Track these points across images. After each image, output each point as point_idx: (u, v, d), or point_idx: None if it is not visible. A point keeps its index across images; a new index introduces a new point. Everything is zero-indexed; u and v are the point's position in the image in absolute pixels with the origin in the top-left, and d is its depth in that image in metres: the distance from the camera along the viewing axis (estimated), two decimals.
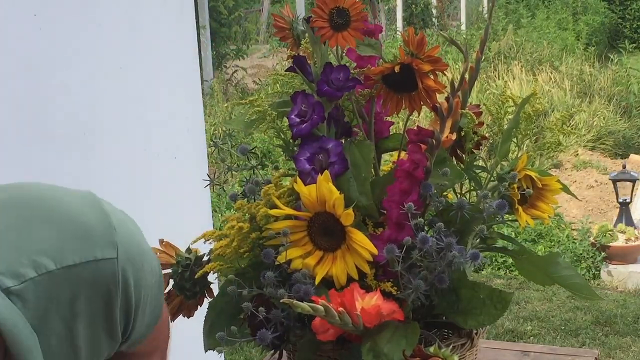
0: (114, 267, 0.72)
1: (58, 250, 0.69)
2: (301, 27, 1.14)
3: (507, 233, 3.63)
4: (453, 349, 1.01)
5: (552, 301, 3.79)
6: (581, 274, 1.07)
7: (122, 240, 0.73)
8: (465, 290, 1.01)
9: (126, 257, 0.73)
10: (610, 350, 3.29)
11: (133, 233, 0.77)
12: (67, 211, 0.72)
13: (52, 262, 0.68)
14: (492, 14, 7.51)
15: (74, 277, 0.69)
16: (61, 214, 0.72)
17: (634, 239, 4.09)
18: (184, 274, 1.12)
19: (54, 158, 1.46)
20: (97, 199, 0.77)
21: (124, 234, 0.74)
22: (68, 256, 0.69)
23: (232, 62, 9.27)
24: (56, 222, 0.71)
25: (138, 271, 0.75)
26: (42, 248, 0.68)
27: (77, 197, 0.76)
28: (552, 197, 1.06)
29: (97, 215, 0.73)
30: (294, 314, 0.98)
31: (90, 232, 0.71)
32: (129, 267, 0.73)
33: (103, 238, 0.72)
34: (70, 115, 1.50)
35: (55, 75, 1.46)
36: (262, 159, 1.08)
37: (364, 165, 1.05)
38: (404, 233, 0.98)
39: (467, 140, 1.12)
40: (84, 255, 0.70)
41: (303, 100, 1.05)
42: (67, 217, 0.72)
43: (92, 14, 1.56)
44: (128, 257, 0.73)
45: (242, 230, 1.02)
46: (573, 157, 6.08)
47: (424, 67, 1.01)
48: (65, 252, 0.69)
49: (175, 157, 1.85)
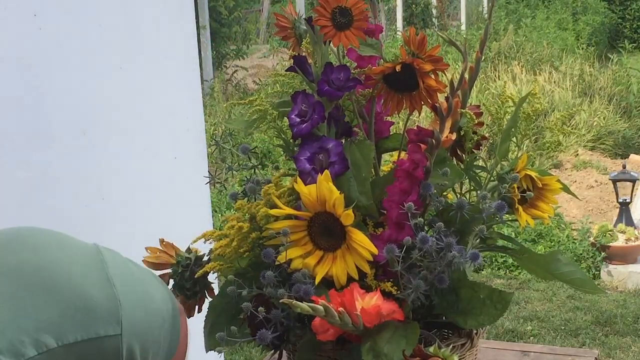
0: (118, 343, 0.69)
1: (59, 327, 0.66)
2: (303, 27, 1.14)
3: (507, 233, 3.63)
4: (453, 349, 1.01)
5: (552, 301, 3.79)
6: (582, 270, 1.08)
7: (127, 313, 0.70)
8: (465, 290, 1.01)
9: (131, 331, 0.70)
10: (610, 350, 3.29)
11: (139, 298, 0.73)
12: (69, 283, 0.69)
13: (53, 340, 0.66)
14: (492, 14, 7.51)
15: (75, 354, 0.67)
16: (63, 287, 0.68)
17: (634, 239, 4.09)
18: (184, 274, 1.12)
19: (54, 158, 1.46)
20: (102, 261, 0.73)
21: (129, 304, 0.71)
22: (70, 333, 0.67)
23: (232, 62, 9.27)
24: (58, 295, 0.68)
25: (145, 336, 0.72)
26: (43, 325, 0.66)
27: (81, 261, 0.72)
28: (552, 197, 1.06)
29: (101, 287, 0.70)
30: (294, 314, 0.98)
31: (93, 308, 0.68)
32: (134, 339, 0.70)
33: (107, 314, 0.69)
34: (70, 115, 1.50)
35: (55, 75, 1.46)
36: (262, 159, 1.09)
37: (364, 165, 1.05)
38: (404, 233, 0.98)
39: (467, 140, 1.12)
40: (86, 332, 0.67)
41: (303, 100, 1.05)
42: (69, 290, 0.68)
43: (92, 14, 1.56)
44: (134, 329, 0.70)
45: (242, 230, 1.02)
46: (573, 157, 6.08)
47: (425, 67, 1.01)
48: (67, 329, 0.67)
49: (175, 157, 1.85)
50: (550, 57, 8.52)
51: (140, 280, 0.76)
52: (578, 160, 5.98)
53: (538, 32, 9.91)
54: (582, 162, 5.95)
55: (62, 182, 1.48)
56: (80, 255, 0.73)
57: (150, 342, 0.73)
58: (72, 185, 1.50)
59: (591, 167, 5.88)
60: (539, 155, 1.15)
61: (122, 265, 0.75)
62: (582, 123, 6.60)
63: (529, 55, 8.50)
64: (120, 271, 0.73)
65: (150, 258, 1.14)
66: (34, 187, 1.41)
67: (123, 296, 0.70)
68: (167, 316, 0.76)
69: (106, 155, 1.60)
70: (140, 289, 0.74)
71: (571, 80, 7.58)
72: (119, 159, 1.64)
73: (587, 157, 6.11)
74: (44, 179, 1.43)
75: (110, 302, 0.69)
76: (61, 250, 0.73)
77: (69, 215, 1.48)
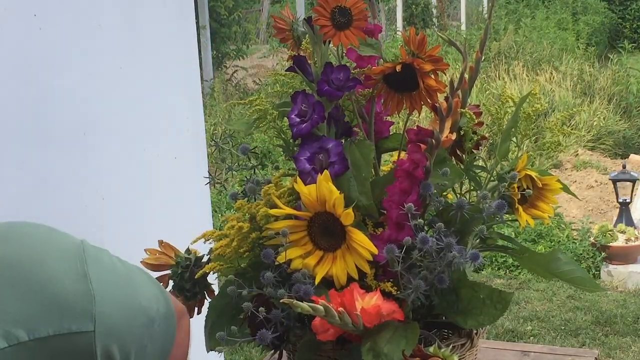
0: (91, 340, 0.68)
1: (32, 321, 0.66)
2: (301, 29, 1.14)
3: (507, 233, 3.63)
4: (453, 349, 1.01)
5: (552, 301, 3.79)
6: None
7: (102, 310, 0.69)
8: (465, 290, 1.01)
9: (106, 328, 0.69)
10: (610, 350, 3.29)
11: (119, 296, 0.72)
12: (46, 278, 0.69)
13: (25, 333, 0.66)
14: (492, 14, 7.51)
15: (48, 349, 0.67)
16: (39, 281, 0.68)
17: (634, 239, 4.09)
18: (183, 275, 1.12)
19: (54, 158, 1.46)
20: (81, 258, 0.72)
21: (106, 301, 0.70)
22: (42, 327, 0.66)
23: (232, 62, 9.27)
24: (34, 289, 0.68)
25: (124, 334, 0.71)
26: (16, 317, 0.66)
27: (61, 256, 0.72)
28: (552, 197, 1.06)
29: (77, 283, 0.69)
30: (294, 314, 0.98)
31: (67, 303, 0.68)
32: (110, 337, 0.70)
33: (80, 310, 0.68)
34: (70, 115, 1.50)
35: (55, 75, 1.46)
36: (262, 159, 1.09)
37: (364, 165, 1.05)
38: (404, 233, 0.98)
39: (467, 140, 1.12)
40: (58, 327, 0.67)
41: (303, 100, 1.05)
42: (45, 285, 0.68)
43: (92, 14, 1.56)
44: (109, 327, 0.70)
45: (242, 230, 1.02)
46: (573, 157, 6.08)
47: (426, 67, 1.01)
48: (40, 323, 0.67)
49: (175, 157, 1.85)
50: (550, 57, 8.52)
51: (126, 278, 0.75)
52: (578, 160, 5.98)
53: (538, 32, 9.91)
54: (582, 162, 5.95)
55: (62, 182, 1.48)
56: (61, 250, 0.72)
57: (131, 342, 0.72)
58: (72, 185, 1.50)
59: (591, 167, 5.88)
60: (539, 155, 1.16)
61: (106, 263, 0.74)
62: (582, 123, 6.60)
63: (529, 55, 8.50)
64: (101, 268, 0.73)
65: (149, 260, 1.14)
66: (34, 187, 1.41)
67: (99, 293, 0.70)
68: (156, 316, 0.76)
69: (106, 155, 1.60)
70: (122, 287, 0.73)
71: (571, 80, 7.58)
72: (119, 159, 1.64)
73: (587, 157, 6.11)
74: (44, 179, 1.43)
75: (84, 298, 0.69)
76: (43, 245, 0.73)
77: (69, 215, 1.48)
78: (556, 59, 8.51)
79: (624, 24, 12.40)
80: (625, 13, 12.51)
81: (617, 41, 11.31)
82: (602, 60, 8.73)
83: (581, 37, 10.17)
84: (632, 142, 6.73)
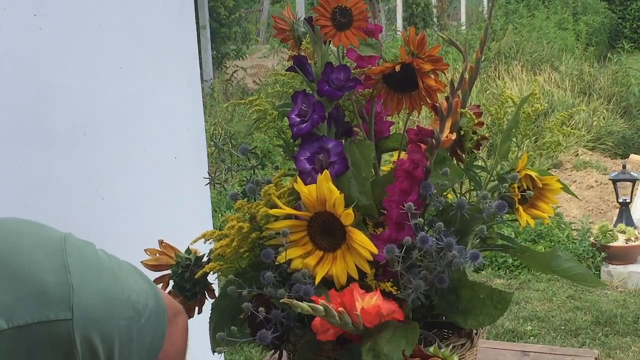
0: (69, 328, 0.70)
1: (11, 309, 0.68)
2: (302, 29, 1.14)
3: (507, 233, 3.63)
4: (453, 349, 1.01)
5: (552, 301, 3.79)
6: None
7: (81, 300, 0.71)
8: (465, 290, 1.02)
9: (85, 317, 0.71)
10: (610, 350, 3.29)
11: (100, 287, 0.74)
12: (25, 268, 0.70)
13: (4, 322, 0.67)
14: (492, 14, 7.51)
15: (27, 336, 0.68)
16: (18, 271, 0.70)
17: (634, 239, 4.09)
18: (183, 275, 1.12)
19: (54, 158, 1.46)
20: (62, 250, 0.74)
21: (85, 291, 0.72)
22: (20, 316, 0.68)
23: (232, 62, 9.27)
24: (13, 279, 0.69)
25: (105, 324, 0.72)
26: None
27: (42, 248, 0.73)
28: (552, 197, 1.06)
29: (55, 273, 0.71)
30: (294, 314, 0.98)
31: (45, 292, 0.69)
32: (90, 326, 0.71)
33: (58, 299, 0.70)
34: (70, 115, 1.50)
35: (55, 75, 1.46)
36: (262, 159, 1.09)
37: (364, 165, 1.05)
38: (404, 233, 0.98)
39: (467, 140, 1.12)
40: (36, 315, 0.68)
41: (303, 100, 1.05)
42: (24, 275, 0.70)
43: (92, 14, 1.56)
44: (88, 316, 0.71)
45: (242, 230, 1.02)
46: (573, 157, 6.08)
47: (425, 67, 1.01)
48: (19, 312, 0.68)
49: (175, 157, 1.85)
50: (550, 57, 8.52)
51: (110, 271, 0.76)
52: (578, 160, 5.98)
53: (538, 32, 9.91)
54: (582, 162, 5.95)
55: (62, 182, 1.48)
56: (42, 242, 0.74)
57: (114, 333, 0.73)
58: (72, 185, 1.50)
59: (591, 167, 5.88)
60: (539, 155, 1.15)
61: (89, 255, 0.75)
62: (582, 123, 6.60)
63: (528, 55, 8.50)
64: (82, 260, 0.74)
65: (149, 260, 1.14)
66: (34, 187, 1.41)
67: (78, 283, 0.71)
68: (144, 311, 0.77)
69: (106, 155, 1.60)
70: (105, 278, 0.75)
71: (571, 80, 7.58)
72: (118, 159, 1.64)
73: (587, 157, 6.11)
74: (44, 179, 1.43)
75: (62, 287, 0.70)
76: (25, 237, 0.74)
77: (69, 215, 1.48)
78: (556, 59, 8.51)
79: (624, 24, 12.41)
80: (625, 13, 12.52)
81: (617, 41, 11.31)
82: (602, 60, 8.73)
83: (581, 37, 10.18)
84: (632, 142, 6.73)
